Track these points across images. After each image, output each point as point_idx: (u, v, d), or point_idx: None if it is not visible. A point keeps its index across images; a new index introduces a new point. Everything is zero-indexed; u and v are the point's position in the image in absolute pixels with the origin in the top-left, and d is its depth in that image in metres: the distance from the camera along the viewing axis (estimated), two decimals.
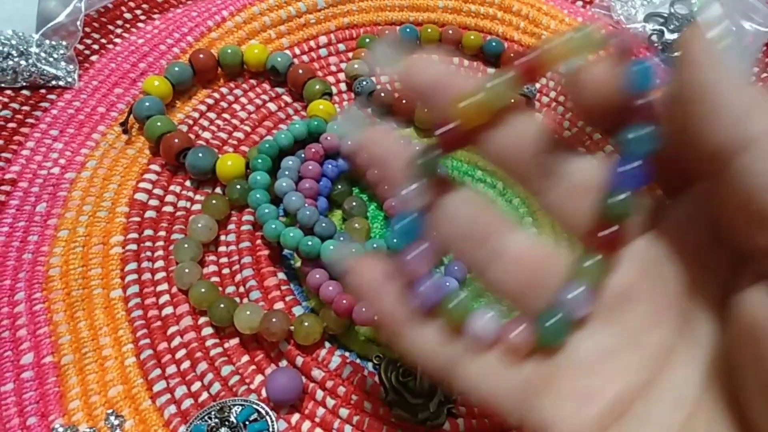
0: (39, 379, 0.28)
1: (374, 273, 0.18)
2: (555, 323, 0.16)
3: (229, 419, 0.26)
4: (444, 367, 0.17)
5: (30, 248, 0.31)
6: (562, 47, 0.16)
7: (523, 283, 0.17)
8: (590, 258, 0.16)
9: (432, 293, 0.17)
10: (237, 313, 0.29)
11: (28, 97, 0.37)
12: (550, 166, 0.17)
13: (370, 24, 0.44)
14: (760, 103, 0.13)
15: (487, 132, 0.17)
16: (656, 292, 0.16)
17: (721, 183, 0.13)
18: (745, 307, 0.13)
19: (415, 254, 0.17)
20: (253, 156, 0.34)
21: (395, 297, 0.17)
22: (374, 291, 0.18)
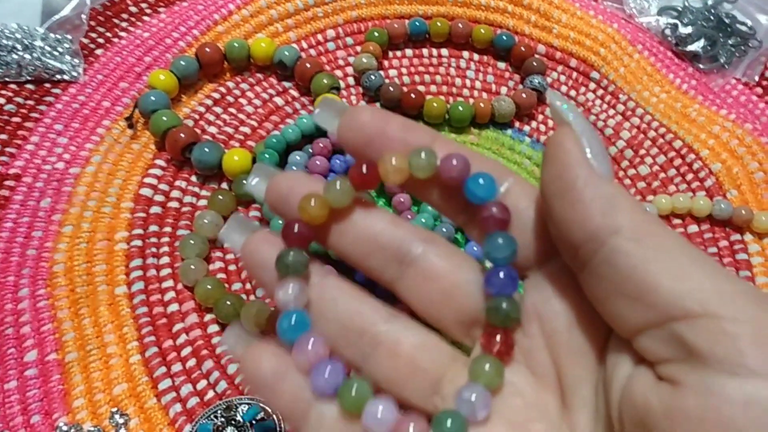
0: (43, 377, 0.27)
1: (267, 367, 0.17)
2: (454, 425, 0.16)
3: (236, 418, 0.26)
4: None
5: (34, 244, 0.31)
6: (400, 166, 0.17)
7: (401, 375, 0.18)
8: (487, 361, 0.17)
9: (328, 382, 0.17)
10: (243, 311, 0.28)
11: (32, 91, 0.37)
12: (397, 254, 0.18)
13: (378, 17, 0.44)
14: (620, 196, 0.15)
15: (334, 229, 0.18)
16: (536, 371, 0.17)
17: (593, 269, 0.15)
18: (634, 390, 0.15)
19: (306, 347, 0.17)
20: (259, 151, 0.33)
21: (290, 391, 0.17)
22: (269, 387, 0.17)
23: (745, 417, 0.12)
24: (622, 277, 0.14)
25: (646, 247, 0.14)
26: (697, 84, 0.43)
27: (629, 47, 0.45)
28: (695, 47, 0.45)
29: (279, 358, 0.17)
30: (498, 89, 0.42)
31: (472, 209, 0.18)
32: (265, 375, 0.17)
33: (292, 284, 0.18)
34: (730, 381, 0.13)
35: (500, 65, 0.43)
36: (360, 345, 0.18)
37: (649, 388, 0.14)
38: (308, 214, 0.18)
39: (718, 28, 0.45)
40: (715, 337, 0.13)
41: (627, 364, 0.15)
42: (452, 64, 0.43)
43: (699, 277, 0.14)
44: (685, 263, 0.14)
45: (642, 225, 0.15)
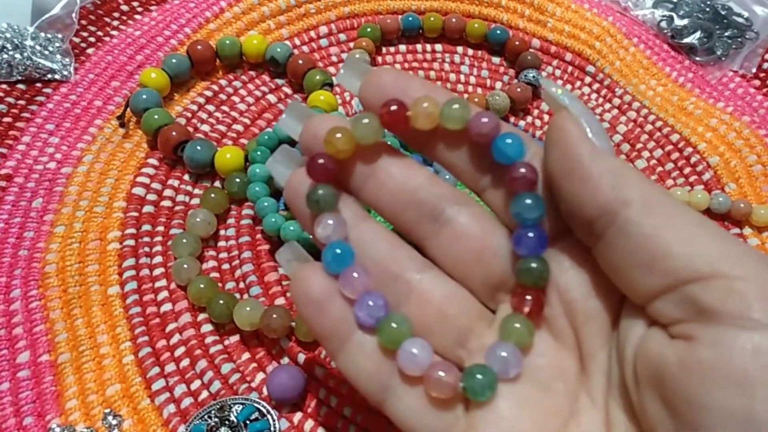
0: (35, 378, 0.27)
1: (317, 287, 0.18)
2: (485, 379, 0.17)
3: (230, 418, 0.26)
4: (376, 393, 0.18)
5: (26, 245, 0.31)
6: (431, 110, 0.17)
7: (430, 322, 0.18)
8: (518, 320, 0.17)
9: (370, 314, 0.18)
10: (237, 310, 0.28)
11: (23, 91, 0.36)
12: (432, 212, 0.19)
13: (371, 13, 0.44)
14: (627, 169, 0.16)
15: (373, 180, 0.19)
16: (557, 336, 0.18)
17: (607, 242, 0.16)
18: (649, 348, 0.15)
19: (352, 277, 0.18)
20: (252, 148, 0.33)
21: (336, 314, 0.18)
22: (316, 305, 0.18)
23: (754, 364, 0.13)
24: (635, 247, 0.15)
25: (656, 216, 0.15)
26: (693, 77, 0.43)
27: (625, 40, 0.44)
28: (691, 40, 0.44)
29: (329, 281, 0.18)
30: (493, 84, 0.41)
31: (496, 171, 0.18)
32: (314, 294, 0.18)
33: (330, 219, 0.18)
34: (741, 333, 0.14)
35: (495, 60, 0.43)
36: (394, 289, 0.19)
37: (664, 345, 0.15)
38: (334, 147, 0.18)
39: (715, 20, 0.45)
40: (725, 295, 0.14)
41: (640, 327, 0.16)
42: (446, 59, 0.42)
43: (707, 242, 0.15)
44: (693, 229, 0.15)
45: (650, 195, 0.15)
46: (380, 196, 0.19)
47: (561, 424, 0.17)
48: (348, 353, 0.18)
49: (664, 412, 0.15)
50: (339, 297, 0.18)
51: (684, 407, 0.14)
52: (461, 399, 0.18)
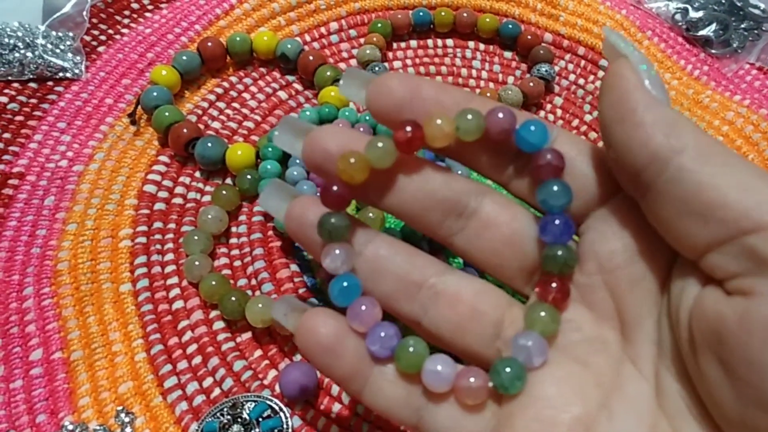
0: (48, 376, 0.27)
1: (325, 333, 0.17)
2: (513, 371, 0.17)
3: (242, 416, 0.25)
4: (410, 418, 0.18)
5: (38, 242, 0.31)
6: (447, 129, 0.17)
7: (463, 320, 0.18)
8: (543, 308, 0.17)
9: (384, 345, 0.17)
10: (249, 306, 0.28)
11: (35, 90, 0.36)
12: (456, 208, 0.18)
13: (381, 9, 0.43)
14: (682, 118, 0.15)
15: (389, 187, 0.18)
16: (595, 308, 0.18)
17: (658, 191, 0.15)
18: (706, 307, 0.15)
19: (360, 310, 0.17)
20: (263, 145, 0.33)
21: (351, 354, 0.17)
22: (329, 352, 0.17)
23: None
24: (689, 195, 0.14)
25: (712, 164, 0.14)
26: (709, 70, 0.42)
27: (638, 34, 0.44)
28: (707, 32, 0.44)
29: (337, 322, 0.18)
30: (505, 79, 0.41)
31: (520, 161, 0.18)
32: (324, 341, 0.17)
33: (338, 249, 0.18)
34: None
35: (507, 54, 0.42)
36: (419, 298, 0.18)
37: (722, 303, 0.14)
38: (349, 175, 0.17)
39: (730, 12, 0.44)
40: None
41: (694, 286, 0.16)
42: (458, 54, 0.42)
43: (767, 190, 0.14)
44: (752, 178, 0.14)
45: (706, 144, 0.15)
46: (401, 202, 0.19)
47: (603, 397, 0.17)
48: (373, 389, 0.18)
49: (725, 376, 0.14)
50: (350, 335, 0.17)
51: (745, 369, 0.13)
52: (493, 396, 0.17)
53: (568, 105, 0.40)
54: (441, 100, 0.18)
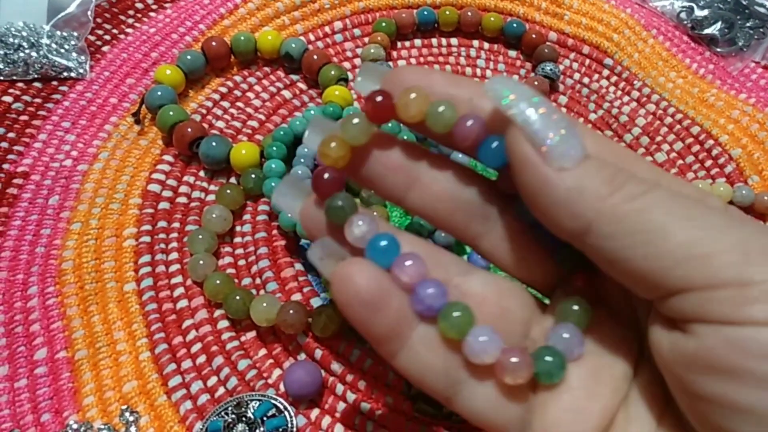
0: (53, 375, 0.27)
1: (366, 284, 0.16)
2: (555, 360, 0.16)
3: (247, 415, 0.25)
4: (445, 390, 0.17)
5: (43, 242, 0.31)
6: (421, 105, 0.17)
7: (491, 320, 0.17)
8: (575, 302, 0.17)
9: (433, 301, 0.16)
10: (253, 306, 0.28)
11: (39, 89, 0.36)
12: (483, 211, 0.18)
13: (386, 8, 0.43)
14: (586, 182, 0.15)
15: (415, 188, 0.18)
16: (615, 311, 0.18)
17: (589, 253, 0.15)
18: (655, 345, 0.15)
19: (405, 266, 0.16)
20: (267, 144, 0.33)
21: (394, 311, 0.16)
22: (369, 306, 0.16)
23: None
24: (610, 263, 0.15)
25: (621, 235, 0.14)
26: (714, 68, 0.42)
27: (643, 32, 0.43)
28: (712, 30, 0.43)
29: (379, 274, 0.16)
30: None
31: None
32: (365, 294, 0.16)
33: (360, 218, 0.17)
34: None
35: (511, 53, 0.42)
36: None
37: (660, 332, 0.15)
38: (330, 158, 0.17)
39: (736, 11, 0.44)
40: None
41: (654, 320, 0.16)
42: (462, 53, 0.42)
43: (678, 256, 0.14)
44: (659, 242, 0.14)
45: (613, 210, 0.14)
46: (425, 202, 0.18)
47: (620, 401, 0.17)
48: (410, 352, 0.16)
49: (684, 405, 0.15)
50: (393, 290, 0.16)
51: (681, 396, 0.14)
52: (530, 384, 0.17)
53: (573, 104, 0.40)
54: (451, 93, 0.17)
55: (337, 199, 0.17)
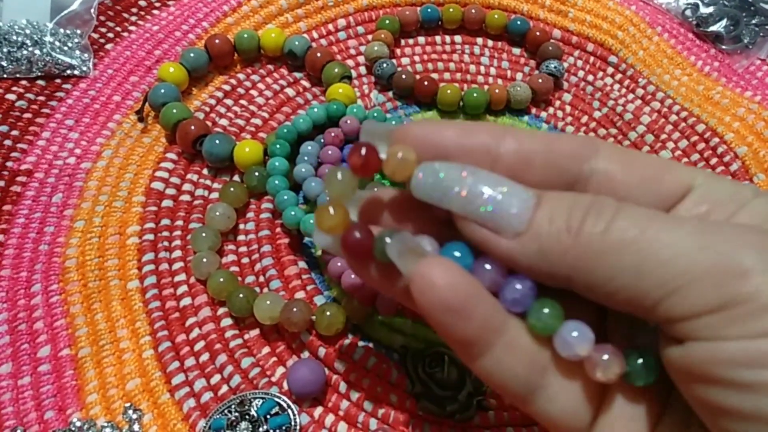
0: (56, 373, 0.27)
1: (453, 288, 0.15)
2: (646, 362, 0.16)
3: (250, 413, 0.25)
4: (526, 394, 0.16)
5: (46, 239, 0.31)
6: (407, 169, 0.16)
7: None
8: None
9: (524, 297, 0.16)
10: (257, 303, 0.28)
11: (43, 87, 0.36)
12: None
13: (389, 5, 0.43)
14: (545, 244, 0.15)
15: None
16: None
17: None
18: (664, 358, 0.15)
19: (485, 269, 0.16)
20: (271, 142, 0.33)
21: (483, 315, 0.15)
22: (456, 310, 0.15)
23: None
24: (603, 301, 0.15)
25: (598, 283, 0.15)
26: (719, 66, 0.42)
27: (648, 29, 0.43)
28: (717, 28, 0.43)
29: (464, 276, 0.15)
30: (513, 75, 0.41)
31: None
32: (452, 298, 0.15)
33: (422, 239, 0.17)
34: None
35: (515, 51, 0.42)
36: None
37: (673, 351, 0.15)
38: (328, 226, 0.17)
39: (741, 8, 0.44)
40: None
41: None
42: (466, 50, 0.42)
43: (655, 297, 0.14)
44: (635, 283, 0.14)
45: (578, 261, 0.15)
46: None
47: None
48: (495, 355, 0.16)
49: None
50: (481, 295, 0.15)
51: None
52: (601, 390, 0.17)
53: (577, 101, 0.40)
54: (467, 145, 0.17)
55: (384, 237, 0.17)
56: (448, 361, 0.27)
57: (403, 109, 0.38)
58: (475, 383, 0.27)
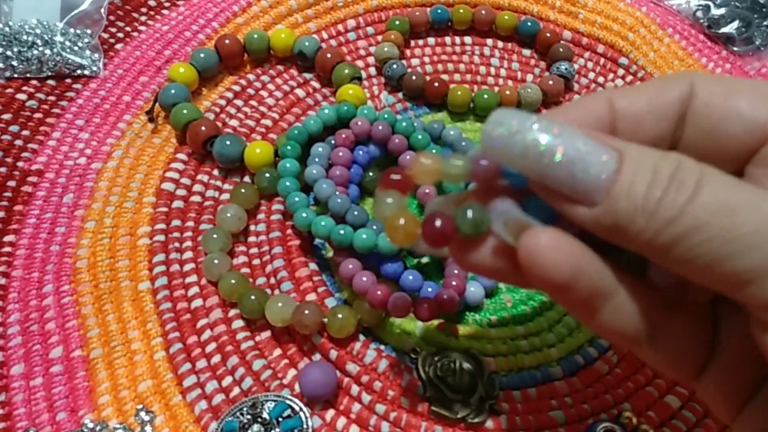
0: (68, 374, 0.27)
1: (559, 257, 0.15)
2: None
3: (262, 415, 0.25)
4: (634, 344, 0.16)
5: (57, 240, 0.31)
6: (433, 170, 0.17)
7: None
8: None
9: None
10: (268, 305, 0.28)
11: (53, 87, 0.36)
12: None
13: (399, 6, 0.43)
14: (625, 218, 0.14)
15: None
16: None
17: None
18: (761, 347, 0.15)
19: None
20: (281, 143, 0.33)
21: (588, 280, 0.15)
22: (565, 286, 0.15)
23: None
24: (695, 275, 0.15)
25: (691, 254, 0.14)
26: (731, 67, 0.42)
27: (659, 31, 0.43)
28: (729, 29, 0.43)
29: (572, 247, 0.15)
30: (524, 77, 0.41)
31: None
32: (562, 270, 0.15)
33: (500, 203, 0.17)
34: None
35: (525, 52, 0.42)
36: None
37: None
38: (402, 237, 0.17)
39: (753, 9, 0.44)
40: None
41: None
42: (476, 51, 0.42)
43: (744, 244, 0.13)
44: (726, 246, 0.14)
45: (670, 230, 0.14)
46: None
47: None
48: (604, 316, 0.16)
49: None
50: (588, 263, 0.15)
51: None
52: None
53: None
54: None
55: (467, 210, 0.17)
56: (459, 365, 0.27)
57: (413, 111, 0.38)
58: (486, 387, 0.27)
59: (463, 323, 0.30)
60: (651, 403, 0.27)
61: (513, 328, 0.29)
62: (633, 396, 0.28)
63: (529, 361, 0.28)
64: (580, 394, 0.28)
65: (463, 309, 0.30)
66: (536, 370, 0.28)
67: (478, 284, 0.30)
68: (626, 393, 0.28)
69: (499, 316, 0.30)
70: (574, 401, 0.27)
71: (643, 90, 0.18)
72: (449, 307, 0.28)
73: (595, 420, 0.27)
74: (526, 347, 0.29)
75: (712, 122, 0.17)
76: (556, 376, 0.28)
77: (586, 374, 0.28)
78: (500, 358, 0.28)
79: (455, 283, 0.28)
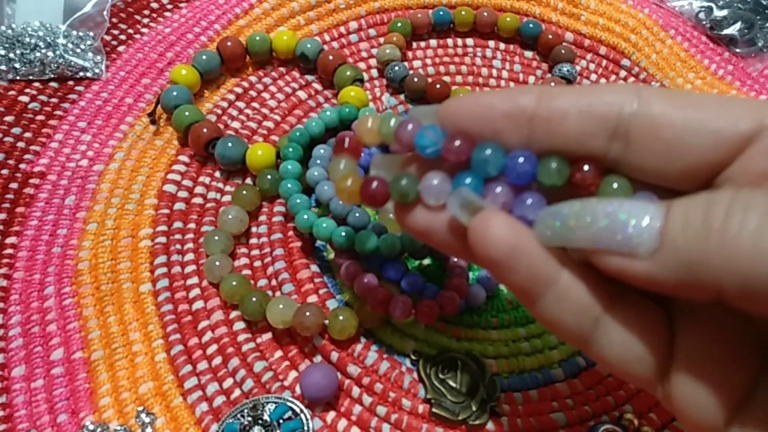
0: (69, 375, 0.27)
1: (503, 236, 0.16)
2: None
3: (263, 417, 0.25)
4: (583, 332, 0.16)
5: (59, 242, 0.31)
6: (374, 131, 0.19)
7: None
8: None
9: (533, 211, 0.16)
10: (269, 307, 0.28)
11: (55, 89, 0.36)
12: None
13: (401, 8, 0.43)
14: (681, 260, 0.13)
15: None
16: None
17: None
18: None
19: (498, 189, 0.17)
20: (283, 145, 0.33)
21: (528, 262, 0.16)
22: (509, 256, 0.16)
23: None
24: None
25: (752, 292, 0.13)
26: (733, 69, 0.42)
27: (661, 32, 0.43)
28: (731, 31, 0.43)
29: (517, 227, 0.16)
30: (526, 78, 0.41)
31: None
32: (501, 248, 0.15)
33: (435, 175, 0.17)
34: None
35: (527, 54, 0.42)
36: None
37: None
38: (348, 195, 0.19)
39: (756, 11, 0.44)
40: None
41: None
42: (478, 53, 0.42)
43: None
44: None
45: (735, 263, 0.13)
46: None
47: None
48: (545, 304, 0.16)
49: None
50: (530, 247, 0.16)
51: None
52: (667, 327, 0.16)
53: None
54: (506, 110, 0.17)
55: (401, 180, 0.18)
56: (461, 366, 0.27)
57: None
58: (488, 389, 0.26)
59: (465, 325, 0.30)
60: (652, 405, 0.27)
61: (514, 330, 0.29)
62: (634, 398, 0.28)
63: (531, 362, 0.28)
64: (581, 396, 0.27)
65: (464, 311, 0.30)
66: (538, 372, 0.28)
67: (480, 286, 0.30)
68: (628, 395, 0.28)
69: (501, 318, 0.30)
70: (575, 403, 0.27)
71: (581, 92, 0.17)
72: (450, 308, 0.28)
73: (597, 422, 0.27)
74: (528, 349, 0.29)
75: (670, 137, 0.15)
76: (557, 378, 0.28)
77: (588, 376, 0.28)
78: (501, 359, 0.28)
79: (457, 285, 0.28)
